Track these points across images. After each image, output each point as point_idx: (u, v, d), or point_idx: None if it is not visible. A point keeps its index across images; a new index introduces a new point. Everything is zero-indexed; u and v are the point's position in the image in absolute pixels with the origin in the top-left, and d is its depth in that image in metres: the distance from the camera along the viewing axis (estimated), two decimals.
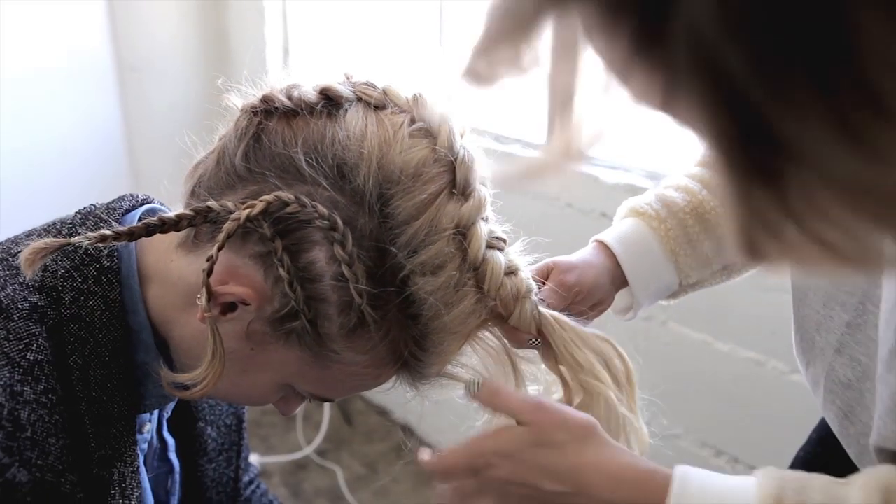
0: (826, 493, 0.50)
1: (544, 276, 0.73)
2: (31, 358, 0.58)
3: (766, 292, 1.44)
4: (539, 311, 0.65)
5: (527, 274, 0.65)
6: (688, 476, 0.55)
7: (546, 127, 1.79)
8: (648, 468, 0.57)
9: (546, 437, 0.59)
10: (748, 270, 0.83)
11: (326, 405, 2.38)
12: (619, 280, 0.77)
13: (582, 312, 0.75)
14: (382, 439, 2.39)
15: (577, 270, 0.73)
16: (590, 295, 0.74)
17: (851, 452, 0.64)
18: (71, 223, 0.65)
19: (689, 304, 0.86)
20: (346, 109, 0.59)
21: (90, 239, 0.54)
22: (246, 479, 0.94)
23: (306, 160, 0.57)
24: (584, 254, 0.76)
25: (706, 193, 0.78)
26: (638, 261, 0.76)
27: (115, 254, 0.63)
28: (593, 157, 1.74)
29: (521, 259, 0.66)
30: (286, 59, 2.37)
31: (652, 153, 1.70)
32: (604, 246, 0.77)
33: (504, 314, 0.64)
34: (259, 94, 0.61)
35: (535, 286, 0.66)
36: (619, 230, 0.78)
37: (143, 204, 0.70)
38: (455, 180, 0.60)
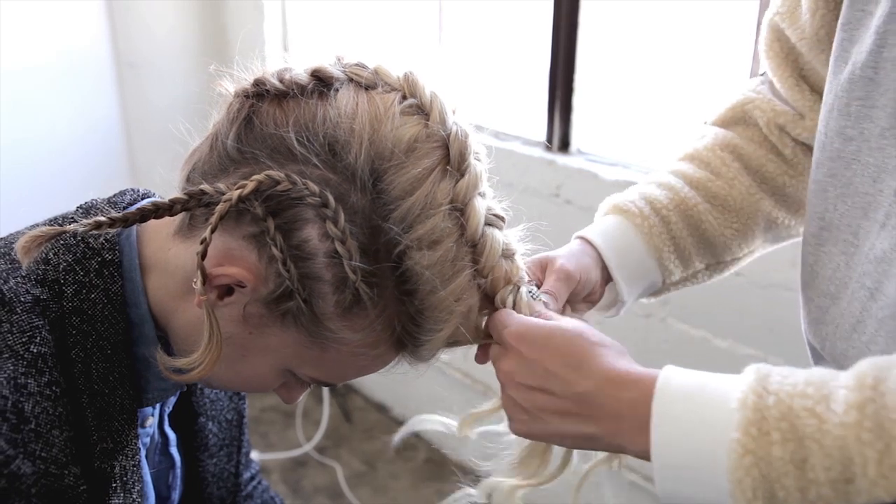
0: (813, 374, 0.49)
1: (541, 268, 0.73)
2: (35, 350, 0.58)
3: (765, 289, 1.45)
4: (522, 302, 0.64)
5: (521, 262, 0.66)
6: (670, 374, 0.55)
7: (546, 124, 1.80)
8: (638, 372, 0.56)
9: (538, 369, 0.59)
10: (732, 268, 0.83)
11: (325, 402, 2.39)
12: (604, 274, 0.76)
13: (576, 307, 0.75)
14: (382, 436, 2.39)
15: (574, 259, 0.73)
16: (586, 283, 0.74)
17: None
18: (72, 218, 0.66)
19: (687, 300, 0.86)
20: (337, 89, 0.59)
21: (85, 226, 0.54)
22: (247, 475, 0.94)
23: (297, 139, 0.57)
24: (572, 248, 0.76)
25: (689, 190, 0.78)
26: (621, 257, 0.76)
27: (117, 247, 0.63)
28: (593, 154, 1.75)
29: (518, 245, 0.66)
30: (285, 57, 2.37)
31: (650, 150, 1.71)
32: (587, 242, 0.77)
33: (490, 294, 0.64)
34: (251, 79, 0.61)
35: (526, 277, 0.66)
36: (602, 227, 0.78)
37: (144, 198, 0.70)
38: (449, 156, 0.60)
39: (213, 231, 0.55)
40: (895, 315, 0.59)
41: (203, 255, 0.56)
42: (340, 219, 0.56)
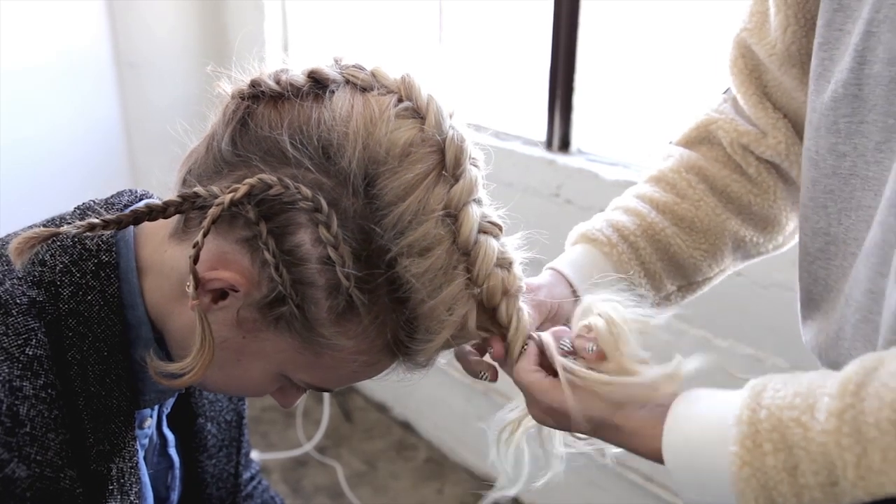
0: (802, 384, 0.52)
1: None
2: (31, 353, 0.58)
3: (765, 288, 1.44)
4: (521, 315, 0.64)
5: (520, 272, 0.64)
6: (679, 406, 0.59)
7: (546, 124, 1.79)
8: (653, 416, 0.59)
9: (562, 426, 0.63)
10: (705, 288, 0.84)
11: (326, 402, 2.38)
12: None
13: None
14: (382, 436, 2.39)
15: (545, 289, 0.73)
16: (560, 312, 0.73)
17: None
18: (70, 220, 0.65)
19: (688, 299, 0.86)
20: (333, 91, 0.59)
21: (79, 227, 0.54)
22: (247, 475, 0.94)
23: (291, 142, 0.57)
24: (544, 279, 0.76)
25: (655, 214, 0.79)
26: (592, 286, 0.74)
27: (114, 248, 0.63)
28: (593, 154, 1.75)
29: (517, 254, 0.65)
30: (284, 58, 2.38)
31: (651, 150, 1.71)
32: (558, 272, 0.76)
33: (487, 306, 0.63)
34: (247, 80, 0.61)
35: (524, 287, 0.65)
36: (571, 256, 0.77)
37: (142, 199, 0.70)
38: (444, 161, 0.59)
39: (205, 235, 0.55)
40: (866, 318, 0.61)
41: (195, 259, 0.55)
42: (333, 224, 0.55)
